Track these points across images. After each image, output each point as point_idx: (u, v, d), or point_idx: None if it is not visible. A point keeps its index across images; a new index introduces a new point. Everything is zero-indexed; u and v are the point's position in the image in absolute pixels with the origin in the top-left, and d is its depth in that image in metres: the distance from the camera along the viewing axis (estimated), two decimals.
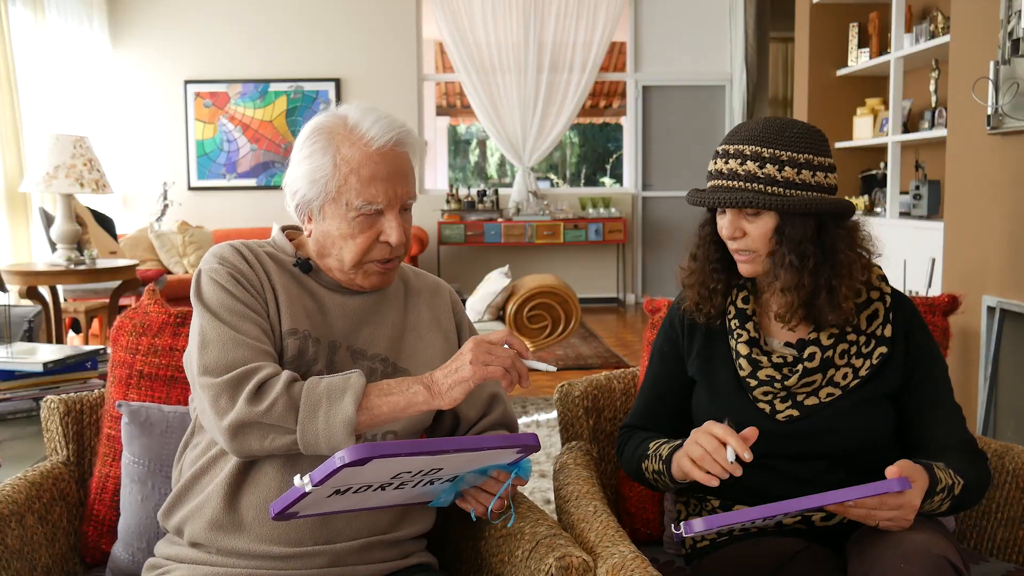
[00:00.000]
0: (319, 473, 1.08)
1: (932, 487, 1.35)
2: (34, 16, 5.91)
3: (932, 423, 1.49)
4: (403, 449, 1.08)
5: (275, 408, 1.24)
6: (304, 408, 1.25)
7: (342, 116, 1.39)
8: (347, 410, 1.23)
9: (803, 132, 1.44)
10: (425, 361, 1.46)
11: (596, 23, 7.95)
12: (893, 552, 1.28)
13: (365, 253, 1.38)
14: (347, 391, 1.25)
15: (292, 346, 1.36)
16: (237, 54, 7.75)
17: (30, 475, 1.57)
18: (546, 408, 4.48)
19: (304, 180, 1.37)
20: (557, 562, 1.25)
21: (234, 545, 1.32)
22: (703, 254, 1.56)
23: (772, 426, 1.47)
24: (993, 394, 3.33)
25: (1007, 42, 3.15)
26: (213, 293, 1.35)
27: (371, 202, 1.35)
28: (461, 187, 8.31)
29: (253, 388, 1.25)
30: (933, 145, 4.79)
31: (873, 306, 1.51)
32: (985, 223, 3.40)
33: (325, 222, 1.38)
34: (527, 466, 1.28)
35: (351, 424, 1.23)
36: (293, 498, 1.13)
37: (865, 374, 1.48)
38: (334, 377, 1.28)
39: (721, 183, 1.46)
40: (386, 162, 1.36)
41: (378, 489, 1.19)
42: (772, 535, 1.49)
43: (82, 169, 4.53)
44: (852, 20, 5.46)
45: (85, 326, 5.41)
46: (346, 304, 1.43)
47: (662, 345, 1.65)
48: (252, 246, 1.43)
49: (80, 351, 2.53)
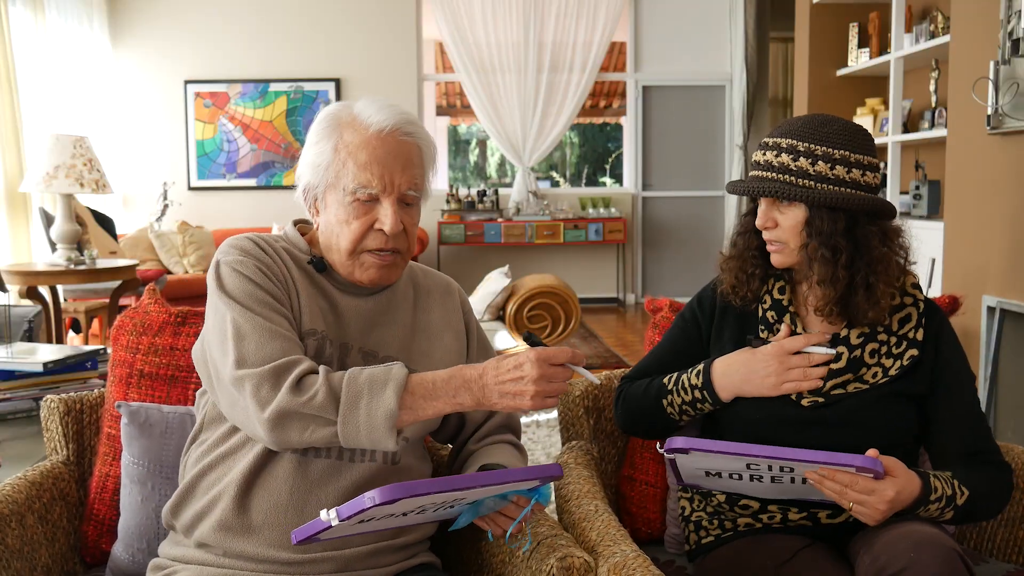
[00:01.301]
0: (347, 510, 1.08)
1: (925, 495, 1.36)
2: (34, 16, 5.90)
3: (952, 432, 1.49)
4: (433, 488, 1.09)
5: (316, 398, 1.22)
6: (345, 399, 1.22)
7: (349, 105, 1.39)
8: (389, 403, 1.21)
9: (843, 129, 1.45)
10: (436, 362, 1.45)
11: (596, 23, 7.94)
12: (903, 542, 1.30)
13: (360, 240, 1.36)
14: (388, 383, 1.22)
15: (311, 346, 1.34)
16: (237, 54, 7.75)
17: (30, 475, 1.57)
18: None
19: (308, 167, 1.38)
20: (558, 563, 1.25)
21: (243, 548, 1.31)
22: (744, 241, 1.58)
23: (796, 411, 1.48)
24: (993, 394, 3.33)
25: (1007, 42, 3.15)
26: (239, 284, 1.31)
27: (365, 186, 1.33)
28: (461, 187, 8.30)
29: (295, 379, 1.23)
30: (933, 145, 4.79)
31: (906, 310, 1.52)
32: (985, 223, 3.40)
33: (328, 211, 1.37)
34: (547, 492, 1.30)
35: (392, 417, 1.21)
36: (317, 529, 1.13)
37: (895, 373, 1.49)
38: (376, 368, 1.25)
39: (759, 173, 1.49)
40: (384, 146, 1.34)
41: (400, 516, 1.20)
42: (775, 532, 1.49)
43: (82, 169, 4.53)
44: (852, 20, 5.46)
45: (85, 326, 5.41)
46: (358, 306, 1.42)
47: (687, 321, 1.66)
48: (270, 240, 1.41)
49: (80, 351, 2.53)
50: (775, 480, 1.39)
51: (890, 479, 1.33)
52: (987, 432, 1.51)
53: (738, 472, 1.40)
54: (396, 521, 1.23)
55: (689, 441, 1.34)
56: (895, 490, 1.32)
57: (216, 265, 1.35)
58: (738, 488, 1.46)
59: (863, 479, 1.32)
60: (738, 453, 1.32)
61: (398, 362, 1.27)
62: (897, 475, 1.34)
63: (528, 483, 1.24)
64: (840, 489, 1.33)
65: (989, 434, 1.51)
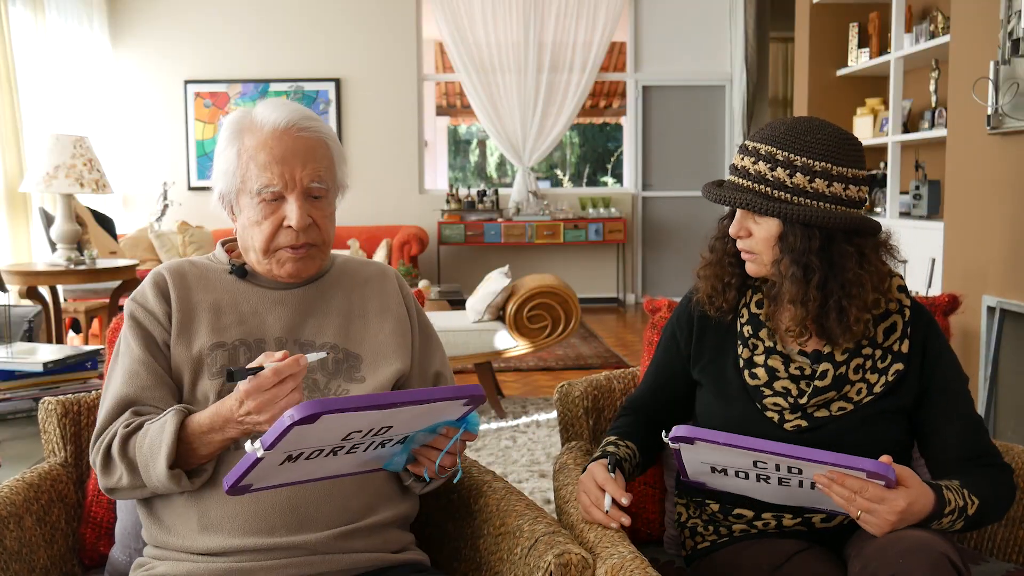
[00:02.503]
0: (269, 435, 1.07)
1: (939, 510, 1.31)
2: (34, 16, 5.90)
3: (948, 437, 1.45)
4: (351, 404, 1.07)
5: (123, 480, 1.33)
6: (142, 469, 1.31)
7: (249, 110, 1.42)
8: (160, 471, 1.28)
9: (827, 138, 1.37)
10: (377, 345, 1.47)
11: (596, 23, 7.94)
12: (893, 548, 1.27)
13: (272, 239, 1.39)
14: (160, 447, 1.28)
15: (220, 357, 1.39)
16: (237, 54, 7.75)
17: (28, 477, 1.56)
18: (546, 408, 4.48)
19: (219, 174, 1.41)
20: (556, 559, 1.25)
21: (208, 544, 1.32)
22: (721, 246, 1.54)
23: (779, 435, 1.44)
24: (993, 394, 3.33)
25: (1007, 42, 3.15)
26: (123, 340, 1.43)
27: (268, 185, 1.37)
28: (461, 187, 8.30)
29: (102, 461, 1.35)
30: (933, 145, 4.79)
31: (891, 318, 1.47)
32: (985, 223, 3.40)
33: (242, 214, 1.42)
34: (475, 420, 1.28)
35: (168, 478, 1.28)
36: (246, 466, 1.12)
37: (880, 391, 1.44)
38: (155, 427, 1.31)
39: (734, 179, 1.44)
40: (282, 145, 1.37)
41: (330, 454, 1.18)
42: (772, 536, 1.49)
43: (82, 169, 4.53)
44: (852, 20, 5.46)
45: (85, 326, 5.41)
46: (286, 299, 1.45)
47: (668, 340, 1.64)
48: (181, 265, 1.48)
49: (80, 351, 2.53)
50: (782, 482, 1.35)
51: (903, 490, 1.27)
52: (985, 434, 1.47)
53: (744, 470, 1.35)
54: (329, 465, 1.21)
55: (694, 431, 1.29)
56: (907, 502, 1.27)
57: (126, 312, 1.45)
58: (744, 489, 1.42)
59: (874, 486, 1.26)
60: (745, 447, 1.27)
61: (174, 409, 1.31)
62: (911, 486, 1.28)
63: (454, 409, 1.22)
64: (848, 495, 1.26)
65: (987, 436, 1.48)
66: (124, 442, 1.32)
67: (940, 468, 1.46)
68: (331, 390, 1.42)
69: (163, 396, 1.38)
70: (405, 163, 7.93)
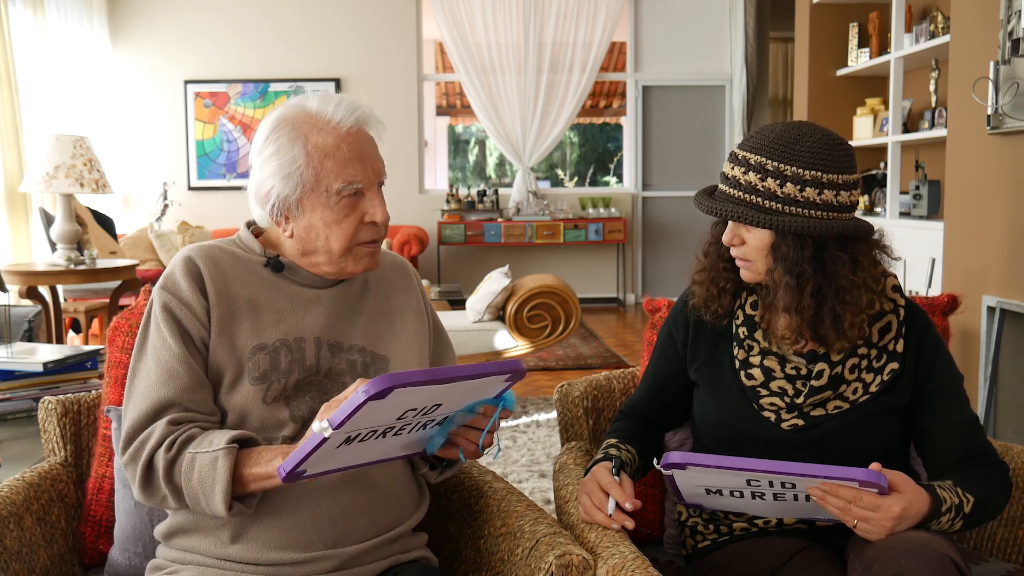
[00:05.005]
0: (340, 414, 1.08)
1: (936, 510, 1.32)
2: (34, 16, 5.90)
3: (944, 436, 1.46)
4: (417, 378, 1.09)
5: (168, 501, 1.29)
6: (190, 501, 1.27)
7: (301, 106, 1.37)
8: (217, 509, 1.24)
9: (817, 146, 1.38)
10: (403, 345, 1.45)
11: (596, 23, 7.94)
12: (894, 549, 1.27)
13: (353, 237, 1.36)
14: (215, 490, 1.23)
15: (263, 362, 1.34)
16: (237, 54, 7.75)
17: (28, 476, 1.56)
18: (546, 408, 4.48)
19: (276, 177, 1.33)
20: (557, 560, 1.25)
21: (240, 554, 1.31)
22: (715, 251, 1.54)
23: (776, 434, 1.46)
24: (993, 394, 3.33)
25: (1007, 42, 3.15)
26: (155, 331, 1.34)
27: (352, 182, 1.33)
28: (461, 187, 8.31)
29: (143, 476, 1.28)
30: (933, 145, 4.79)
31: (886, 318, 1.48)
32: (985, 223, 3.40)
33: (305, 216, 1.35)
34: (511, 398, 1.28)
35: (233, 515, 1.25)
36: (309, 449, 1.11)
37: (875, 390, 1.45)
38: (202, 462, 1.24)
39: (725, 189, 1.44)
40: (358, 140, 1.35)
41: (380, 436, 1.18)
42: (772, 535, 1.49)
43: (82, 169, 4.52)
44: (852, 20, 5.46)
45: (85, 326, 5.41)
46: (321, 298, 1.41)
47: (665, 342, 1.64)
48: (213, 252, 1.39)
49: (80, 351, 2.53)
50: (777, 498, 1.36)
51: (896, 495, 1.28)
52: (981, 433, 1.48)
53: (739, 489, 1.36)
54: (377, 448, 1.21)
55: (686, 456, 1.30)
56: (902, 506, 1.28)
57: (150, 304, 1.37)
58: (740, 507, 1.43)
59: (867, 495, 1.27)
60: (737, 468, 1.28)
61: (224, 448, 1.24)
62: (904, 491, 1.29)
63: (494, 385, 1.23)
64: (843, 505, 1.28)
65: (983, 435, 1.48)
66: (169, 468, 1.26)
67: (936, 467, 1.46)
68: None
69: (203, 399, 1.32)
70: (405, 163, 7.94)
